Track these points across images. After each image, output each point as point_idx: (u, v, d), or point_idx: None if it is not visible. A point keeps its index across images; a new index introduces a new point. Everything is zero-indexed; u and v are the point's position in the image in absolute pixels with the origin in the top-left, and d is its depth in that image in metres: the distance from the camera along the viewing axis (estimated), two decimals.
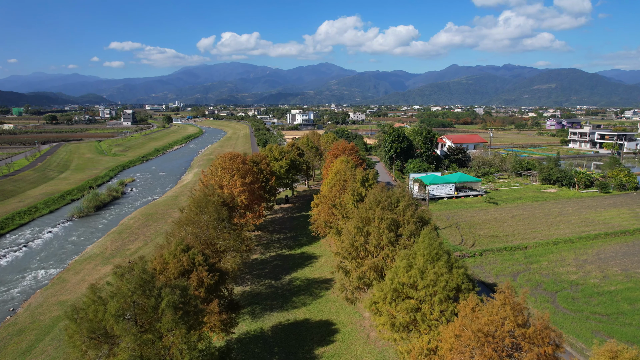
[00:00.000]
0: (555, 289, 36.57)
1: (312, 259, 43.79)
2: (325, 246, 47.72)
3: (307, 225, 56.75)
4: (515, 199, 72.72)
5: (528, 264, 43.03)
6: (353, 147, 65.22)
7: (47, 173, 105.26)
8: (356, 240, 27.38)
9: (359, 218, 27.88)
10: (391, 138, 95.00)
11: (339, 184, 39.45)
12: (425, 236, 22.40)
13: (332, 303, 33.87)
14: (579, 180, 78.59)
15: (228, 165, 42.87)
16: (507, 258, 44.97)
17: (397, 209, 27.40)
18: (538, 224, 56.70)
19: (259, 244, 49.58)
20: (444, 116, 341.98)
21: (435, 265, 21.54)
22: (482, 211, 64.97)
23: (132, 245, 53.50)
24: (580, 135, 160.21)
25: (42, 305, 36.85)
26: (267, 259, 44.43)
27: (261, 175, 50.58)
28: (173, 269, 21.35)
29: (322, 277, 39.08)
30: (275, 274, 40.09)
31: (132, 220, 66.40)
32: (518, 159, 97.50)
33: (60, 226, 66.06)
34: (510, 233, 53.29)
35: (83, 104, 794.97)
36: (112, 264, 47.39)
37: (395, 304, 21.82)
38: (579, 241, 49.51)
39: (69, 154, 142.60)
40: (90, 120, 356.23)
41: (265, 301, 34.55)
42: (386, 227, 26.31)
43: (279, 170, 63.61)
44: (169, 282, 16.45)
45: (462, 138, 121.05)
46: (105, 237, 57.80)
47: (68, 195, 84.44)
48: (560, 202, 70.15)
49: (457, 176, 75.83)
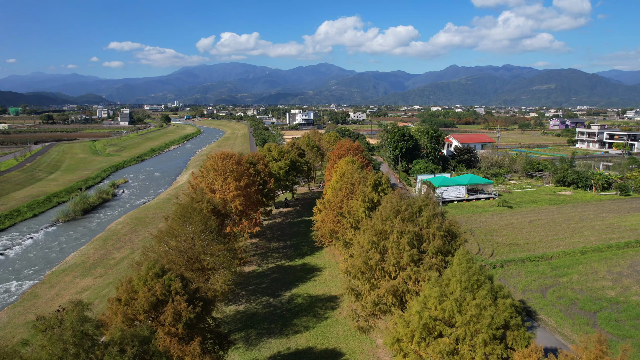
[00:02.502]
0: (593, 308, 32.01)
1: (314, 272, 39.17)
2: (329, 256, 43.11)
3: (308, 232, 52.13)
4: (529, 202, 68.19)
5: (556, 277, 38.46)
6: (358, 146, 60.56)
7: (35, 174, 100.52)
8: (370, 257, 22.80)
9: (374, 231, 23.29)
10: (396, 137, 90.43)
11: (346, 188, 34.85)
12: (462, 257, 17.83)
13: (340, 326, 29.29)
14: (596, 182, 74.07)
15: (221, 167, 38.20)
16: (532, 270, 40.40)
17: (420, 219, 22.82)
18: (559, 230, 52.15)
19: (256, 253, 44.93)
20: (446, 116, 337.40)
21: (476, 295, 16.97)
22: (496, 215, 60.43)
23: (117, 254, 48.86)
24: (588, 135, 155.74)
25: (6, 326, 32.21)
26: (265, 271, 39.78)
27: (258, 177, 45.94)
28: (142, 301, 16.73)
29: (326, 293, 34.46)
30: (274, 290, 35.45)
31: (120, 225, 61.77)
32: (529, 159, 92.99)
33: (43, 231, 61.44)
34: (530, 240, 48.74)
35: (82, 104, 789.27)
36: (93, 276, 42.87)
37: (425, 343, 17.24)
38: (609, 250, 44.96)
39: (60, 154, 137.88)
40: (87, 119, 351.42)
41: (262, 324, 29.93)
42: (407, 242, 21.73)
43: (278, 172, 59.01)
44: (125, 333, 11.80)
45: (469, 138, 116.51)
46: (89, 245, 53.14)
47: (55, 198, 79.76)
48: (578, 205, 65.65)
49: (468, 178, 71.28)
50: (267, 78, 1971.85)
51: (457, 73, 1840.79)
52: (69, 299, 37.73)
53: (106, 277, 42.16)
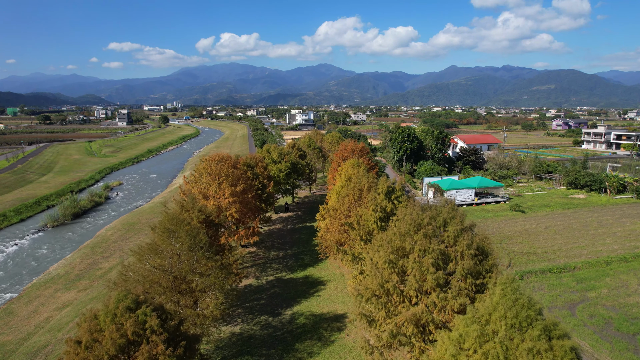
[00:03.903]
0: (631, 330, 28.61)
1: (318, 286, 35.72)
2: (333, 267, 39.66)
3: (310, 240, 48.74)
4: (542, 206, 64.80)
5: (583, 291, 35.07)
6: (363, 147, 57.08)
7: (26, 176, 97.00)
8: (387, 279, 19.39)
9: (391, 247, 19.88)
10: (400, 138, 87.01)
11: (353, 194, 31.44)
12: (506, 287, 14.42)
13: (348, 352, 25.88)
14: (610, 184, 70.70)
15: (215, 170, 34.74)
16: (555, 283, 37.01)
17: (445, 235, 19.42)
18: (579, 238, 48.79)
19: (254, 264, 41.47)
20: (447, 116, 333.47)
21: (526, 336, 13.56)
22: (509, 221, 57.05)
23: (105, 264, 45.40)
24: (594, 136, 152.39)
25: None
26: (264, 285, 36.32)
27: (256, 182, 42.47)
28: (109, 343, 13.29)
29: (332, 312, 31.02)
30: (273, 307, 32.00)
31: (111, 231, 58.31)
32: (538, 161, 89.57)
33: (29, 237, 58.00)
34: (549, 249, 45.35)
35: (81, 104, 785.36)
36: (77, 289, 39.42)
37: None
38: (636, 260, 41.59)
39: (55, 155, 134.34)
40: (85, 120, 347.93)
41: (260, 349, 26.49)
42: (431, 262, 18.34)
43: (277, 175, 55.56)
44: None
45: (474, 138, 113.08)
46: (76, 253, 49.66)
47: (45, 201, 76.32)
48: (594, 209, 62.28)
49: (477, 180, 67.86)
50: (266, 79, 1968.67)
51: (457, 74, 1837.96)
52: (47, 316, 34.34)
53: (91, 290, 38.73)
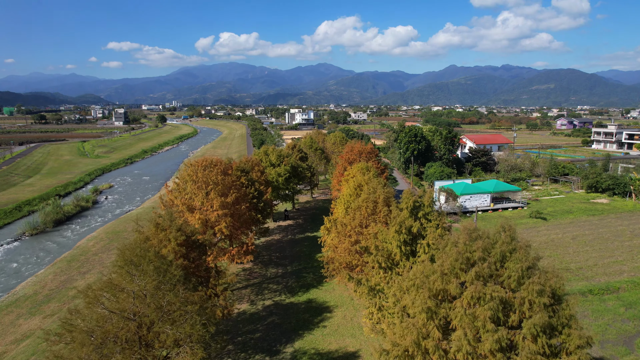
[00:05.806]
0: None
1: (323, 313, 30.39)
2: (340, 288, 34.33)
3: (313, 254, 43.46)
4: (564, 212, 59.58)
5: (636, 319, 29.82)
6: (372, 149, 51.72)
7: (10, 178, 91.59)
8: (425, 334, 14.10)
9: (429, 290, 14.58)
10: (407, 138, 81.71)
11: (366, 207, 26.17)
12: None
13: None
14: (636, 188, 65.49)
15: (201, 178, 29.39)
16: (599, 308, 31.77)
17: (505, 275, 14.13)
18: (614, 250, 43.58)
19: (249, 284, 36.12)
20: (448, 115, 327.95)
21: None
22: (531, 229, 51.81)
23: (81, 281, 40.05)
24: (605, 135, 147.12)
25: None
26: (260, 311, 30.96)
27: (252, 189, 37.15)
28: None
29: (341, 349, 25.71)
30: (271, 343, 26.67)
31: (93, 241, 52.97)
32: (554, 162, 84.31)
33: (3, 248, 52.71)
34: (583, 264, 40.14)
35: (80, 104, 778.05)
36: (43, 314, 34.06)
37: None
38: None
39: (45, 156, 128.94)
40: (81, 119, 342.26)
41: None
42: (489, 316, 13.04)
43: (276, 180, 50.24)
44: None
45: (484, 138, 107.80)
46: (50, 268, 44.32)
47: (26, 206, 70.94)
48: (621, 216, 57.09)
49: (493, 184, 62.60)
50: (266, 78, 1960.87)
51: (456, 73, 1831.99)
52: (1, 351, 29.06)
53: (60, 315, 33.37)
